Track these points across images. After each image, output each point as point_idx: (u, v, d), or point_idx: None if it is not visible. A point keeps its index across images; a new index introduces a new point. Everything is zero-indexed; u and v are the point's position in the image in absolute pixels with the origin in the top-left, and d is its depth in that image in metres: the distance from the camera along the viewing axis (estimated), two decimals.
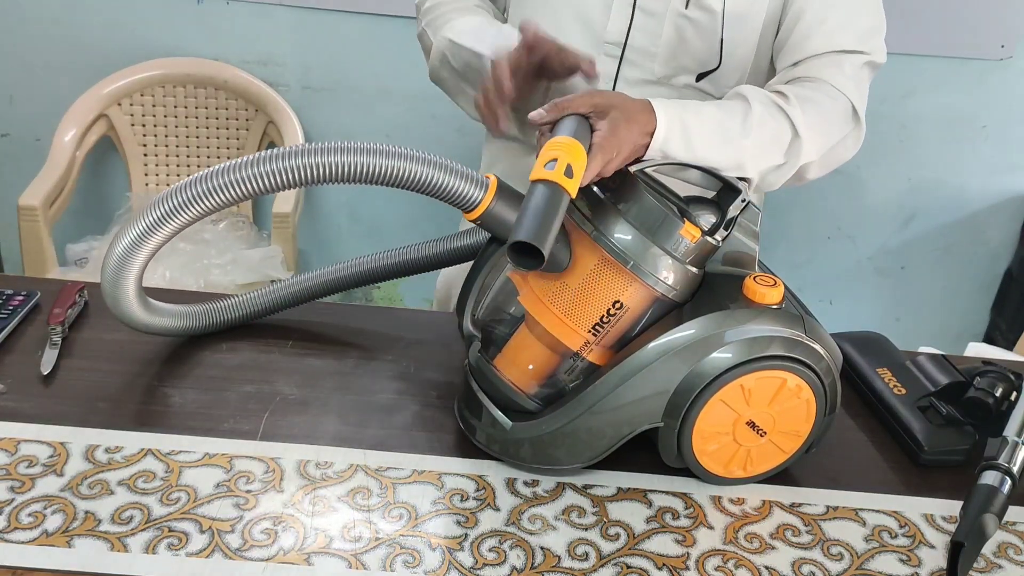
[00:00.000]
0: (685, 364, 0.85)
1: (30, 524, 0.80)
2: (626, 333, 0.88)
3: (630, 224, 0.85)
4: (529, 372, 0.91)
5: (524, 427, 0.90)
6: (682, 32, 1.11)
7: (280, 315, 1.15)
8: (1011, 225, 2.50)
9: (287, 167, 0.84)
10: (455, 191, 0.85)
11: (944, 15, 2.20)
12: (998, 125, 2.37)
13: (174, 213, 0.86)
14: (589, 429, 0.88)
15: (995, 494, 0.87)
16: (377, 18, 2.22)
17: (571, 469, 0.91)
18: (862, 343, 1.18)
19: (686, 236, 0.85)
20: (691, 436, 0.88)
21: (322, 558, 0.79)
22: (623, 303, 0.86)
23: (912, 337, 2.42)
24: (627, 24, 1.12)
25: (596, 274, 0.86)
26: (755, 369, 0.86)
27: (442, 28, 1.18)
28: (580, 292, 0.87)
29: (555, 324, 0.88)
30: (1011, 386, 1.02)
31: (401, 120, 2.30)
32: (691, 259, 0.87)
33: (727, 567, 0.83)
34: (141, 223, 0.86)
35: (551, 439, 0.89)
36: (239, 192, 0.85)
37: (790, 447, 0.92)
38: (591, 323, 0.87)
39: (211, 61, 2.23)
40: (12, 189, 2.04)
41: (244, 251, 2.14)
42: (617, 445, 0.89)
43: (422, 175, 0.84)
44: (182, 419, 0.95)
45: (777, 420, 0.89)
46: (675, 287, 0.87)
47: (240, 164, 0.85)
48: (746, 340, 0.85)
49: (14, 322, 1.06)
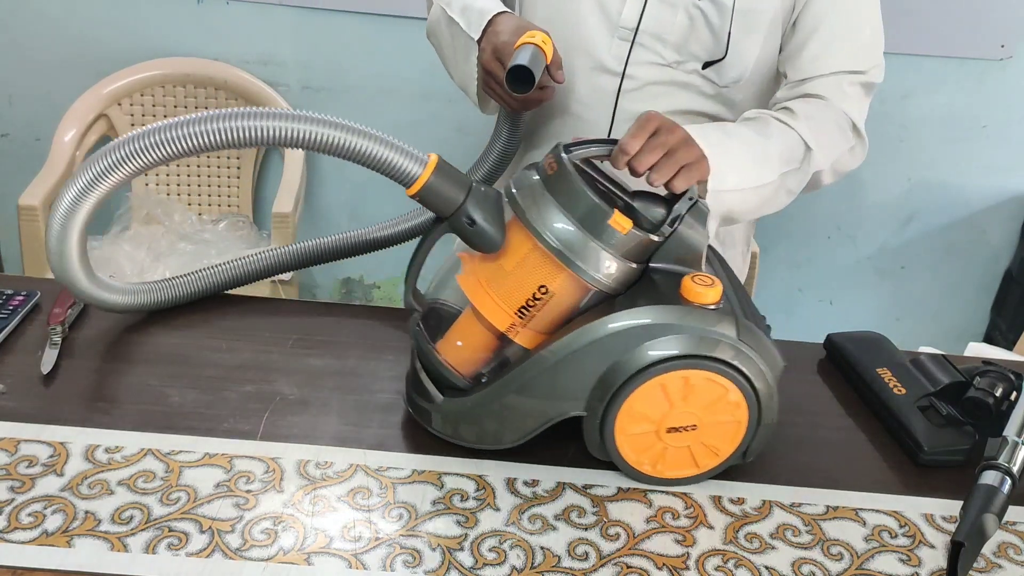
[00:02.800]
0: (608, 355, 0.86)
1: (30, 524, 0.80)
2: (558, 320, 0.89)
3: (561, 212, 0.86)
4: (459, 349, 0.93)
5: (454, 402, 0.92)
6: (694, 22, 1.16)
7: (280, 315, 1.15)
8: (1011, 225, 2.51)
9: (228, 127, 0.87)
10: (394, 165, 0.89)
11: (944, 15, 2.20)
12: (998, 125, 2.37)
13: (106, 173, 0.90)
14: (514, 409, 0.90)
15: (995, 494, 0.87)
16: (377, 18, 2.22)
17: (510, 448, 0.92)
18: (862, 343, 1.18)
19: (616, 227, 0.86)
20: (613, 429, 0.89)
21: (322, 558, 0.79)
22: (548, 289, 0.88)
23: (912, 337, 2.42)
24: (640, 10, 1.17)
25: (527, 259, 0.88)
26: (679, 367, 0.86)
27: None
28: (511, 275, 0.89)
29: (485, 302, 0.89)
30: (1011, 386, 1.02)
31: (401, 120, 2.30)
32: (624, 251, 0.87)
33: (727, 567, 0.83)
34: (77, 183, 0.90)
35: (478, 416, 0.91)
36: (178, 148, 0.89)
37: (722, 452, 0.91)
38: (517, 305, 0.89)
39: (211, 61, 2.23)
40: (12, 189, 2.04)
41: (244, 251, 2.14)
42: (543, 428, 0.90)
43: (363, 148, 0.88)
44: (182, 419, 0.95)
45: (705, 422, 0.88)
46: (604, 278, 0.87)
47: (182, 122, 0.88)
48: (671, 338, 0.85)
49: (14, 322, 1.06)
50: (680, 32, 1.16)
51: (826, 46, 1.18)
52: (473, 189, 0.90)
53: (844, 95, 1.18)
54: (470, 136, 1.22)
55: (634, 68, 1.19)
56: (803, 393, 1.13)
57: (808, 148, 1.15)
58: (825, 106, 1.18)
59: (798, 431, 1.05)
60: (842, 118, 1.19)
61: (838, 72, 1.18)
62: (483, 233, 0.88)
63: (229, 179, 2.34)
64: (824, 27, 1.17)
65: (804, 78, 1.19)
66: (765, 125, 1.15)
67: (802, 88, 1.20)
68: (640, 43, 1.18)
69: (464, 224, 0.89)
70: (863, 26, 1.20)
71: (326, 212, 2.46)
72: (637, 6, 1.17)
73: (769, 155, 1.12)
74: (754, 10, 1.15)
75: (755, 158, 1.11)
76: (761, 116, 1.17)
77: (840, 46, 1.18)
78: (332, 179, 2.41)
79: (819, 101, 1.19)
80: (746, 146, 1.11)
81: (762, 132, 1.14)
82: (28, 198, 1.96)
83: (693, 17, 1.15)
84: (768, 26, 1.17)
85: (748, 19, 1.15)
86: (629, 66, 1.19)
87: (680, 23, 1.16)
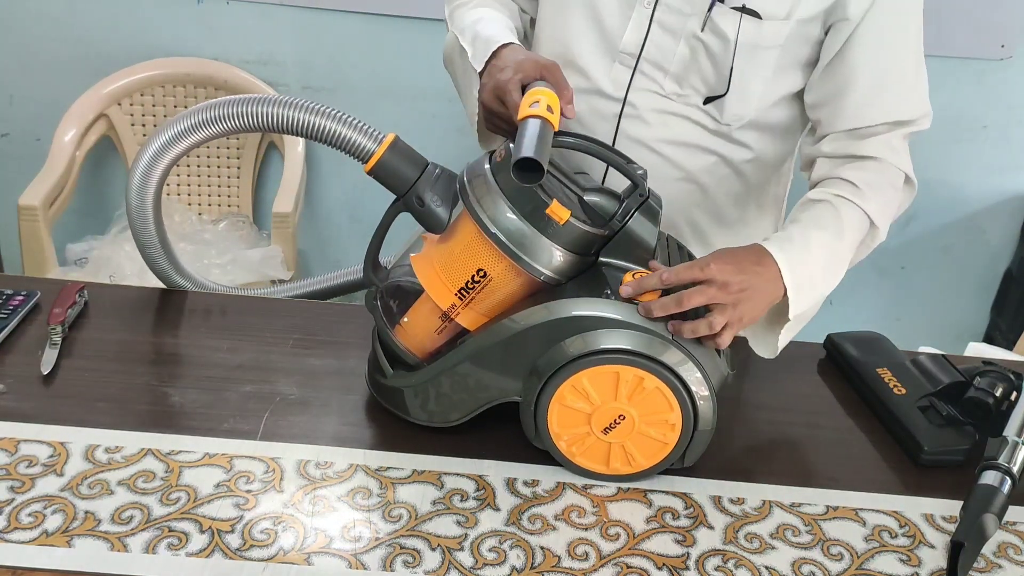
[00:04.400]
0: (541, 344, 0.88)
1: (30, 524, 0.80)
2: (501, 303, 0.91)
3: (504, 201, 0.88)
4: (407, 325, 0.95)
5: (401, 377, 0.96)
6: (695, 53, 1.12)
7: (280, 315, 1.15)
8: (1011, 225, 2.50)
9: (206, 119, 1.00)
10: (350, 141, 0.95)
11: (944, 15, 2.20)
12: (998, 125, 2.37)
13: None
14: (455, 387, 0.92)
15: (995, 494, 0.87)
16: (377, 18, 2.22)
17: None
18: (862, 343, 1.18)
19: (553, 217, 0.87)
20: (546, 418, 0.89)
21: (322, 558, 0.79)
22: (486, 272, 0.90)
23: (912, 337, 2.41)
24: (643, 36, 1.13)
25: (472, 243, 0.90)
26: (608, 362, 0.86)
27: (454, 19, 1.21)
28: (455, 255, 0.91)
29: (430, 280, 0.92)
30: (1011, 386, 1.02)
31: (401, 120, 2.30)
32: (566, 242, 0.88)
33: (727, 567, 0.83)
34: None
35: (423, 392, 0.94)
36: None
37: (657, 451, 0.90)
38: (458, 286, 0.91)
39: (211, 61, 2.23)
40: (12, 189, 2.04)
41: (244, 251, 2.14)
42: (483, 408, 0.92)
43: (322, 126, 0.96)
44: (182, 419, 0.95)
45: (637, 420, 0.89)
46: (544, 268, 0.89)
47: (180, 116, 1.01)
48: (602, 332, 0.86)
49: (14, 322, 1.06)
50: (680, 63, 1.12)
51: (881, 92, 1.11)
52: (427, 170, 0.94)
53: (892, 150, 1.12)
54: (470, 137, 1.22)
55: (635, 95, 1.16)
56: (803, 393, 1.13)
57: (873, 226, 1.10)
58: (881, 169, 1.11)
59: (798, 431, 1.05)
60: (895, 176, 1.12)
61: (885, 124, 1.11)
62: (431, 214, 0.92)
63: (229, 179, 2.34)
64: (875, 72, 1.10)
65: (857, 127, 1.12)
66: (837, 218, 1.07)
67: (851, 148, 1.13)
68: (641, 71, 1.14)
69: (414, 203, 0.93)
70: (913, 73, 1.13)
71: (326, 212, 2.46)
72: (640, 32, 1.13)
73: (844, 254, 1.08)
74: (758, 46, 1.10)
75: (832, 263, 1.06)
76: (829, 202, 1.09)
77: (897, 94, 1.12)
78: (332, 179, 2.41)
79: (872, 163, 1.11)
80: (823, 258, 1.05)
81: (838, 231, 1.06)
82: (28, 198, 1.96)
83: (694, 48, 1.11)
84: (775, 65, 1.12)
85: (752, 55, 1.10)
86: (631, 92, 1.16)
87: (681, 54, 1.12)
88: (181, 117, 1.02)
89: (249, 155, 2.30)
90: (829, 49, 1.11)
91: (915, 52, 1.13)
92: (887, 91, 1.12)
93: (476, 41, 1.12)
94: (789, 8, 1.07)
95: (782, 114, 1.19)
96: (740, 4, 1.07)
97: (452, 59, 1.21)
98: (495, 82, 1.03)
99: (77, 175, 2.15)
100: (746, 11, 1.07)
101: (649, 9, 1.11)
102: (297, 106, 0.97)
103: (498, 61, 1.07)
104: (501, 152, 0.91)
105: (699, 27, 1.10)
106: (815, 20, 1.09)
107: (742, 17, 1.07)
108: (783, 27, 1.08)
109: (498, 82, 1.02)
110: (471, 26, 1.15)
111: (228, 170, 2.33)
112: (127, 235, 2.20)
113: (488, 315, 0.92)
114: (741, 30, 1.08)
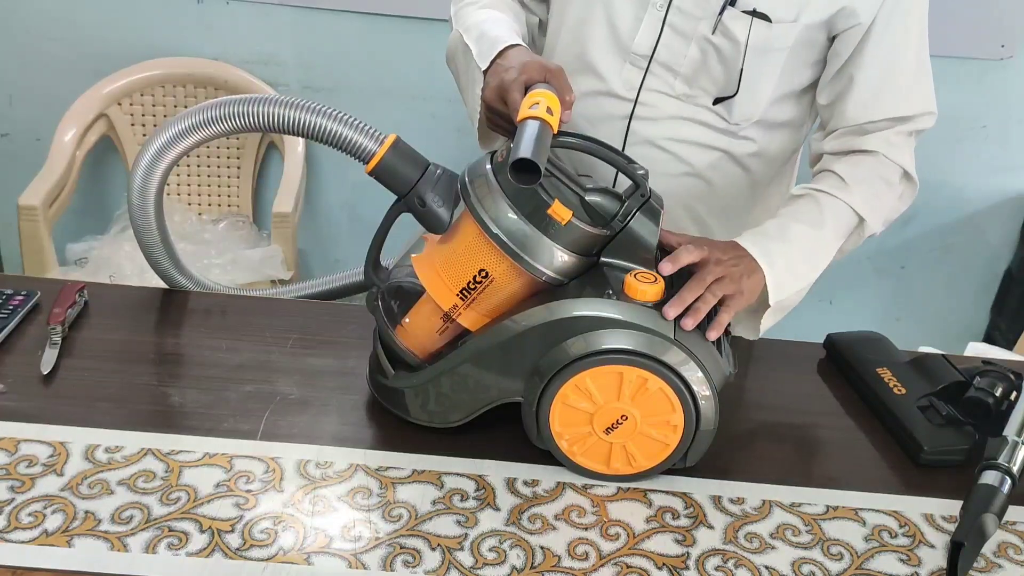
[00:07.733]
0: (542, 344, 0.88)
1: (30, 524, 0.80)
2: (503, 304, 0.91)
3: (505, 201, 0.88)
4: (409, 326, 0.95)
5: (403, 377, 0.95)
6: (706, 55, 1.13)
7: (280, 315, 1.15)
8: (1011, 225, 2.50)
9: (207, 119, 1.00)
10: (352, 141, 0.95)
11: (944, 15, 2.18)
12: (998, 125, 2.37)
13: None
14: (456, 387, 0.92)
15: (995, 494, 0.87)
16: (377, 18, 2.22)
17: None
18: (862, 343, 1.18)
19: (555, 217, 0.87)
20: (548, 418, 0.89)
21: (322, 558, 0.79)
22: (488, 272, 0.89)
23: (912, 337, 2.41)
24: (655, 38, 1.14)
25: (473, 244, 0.90)
26: (611, 362, 0.86)
27: (460, 18, 1.21)
28: (457, 256, 0.91)
29: (432, 280, 0.92)
30: (1011, 386, 1.02)
31: (401, 120, 2.29)
32: (568, 243, 0.88)
33: (727, 567, 0.83)
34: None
35: (424, 392, 0.94)
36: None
37: (658, 452, 0.90)
38: (459, 286, 0.90)
39: (211, 61, 2.23)
40: (12, 189, 2.03)
41: (244, 251, 2.14)
42: (483, 409, 0.92)
43: (322, 126, 0.96)
44: (182, 419, 0.95)
45: (640, 421, 0.89)
46: (545, 268, 0.88)
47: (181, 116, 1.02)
48: (604, 332, 0.86)
49: (14, 322, 1.06)
50: (691, 65, 1.13)
51: (887, 88, 1.14)
52: (428, 171, 0.94)
53: (891, 145, 1.14)
54: (470, 137, 1.22)
55: (647, 95, 1.17)
56: (803, 393, 1.13)
57: (861, 220, 1.12)
58: (875, 163, 1.14)
59: (798, 431, 1.05)
60: (890, 170, 1.14)
61: (886, 120, 1.14)
62: (432, 214, 0.92)
63: (229, 179, 2.34)
64: (870, 72, 1.12)
65: (862, 123, 1.15)
66: (818, 210, 1.10)
67: (853, 143, 1.16)
68: (653, 72, 1.16)
69: (416, 204, 0.93)
70: (909, 70, 1.15)
71: (326, 212, 2.46)
72: (652, 34, 1.14)
73: (826, 244, 1.10)
74: (768, 48, 1.11)
75: (812, 253, 1.09)
76: (811, 195, 1.12)
77: (902, 90, 1.15)
78: (332, 179, 2.41)
79: (868, 158, 1.15)
80: (802, 248, 1.07)
81: (817, 222, 1.09)
82: (28, 198, 1.96)
83: (705, 51, 1.12)
84: (784, 67, 1.14)
85: (761, 57, 1.12)
86: (642, 92, 1.17)
87: (692, 56, 1.13)
88: (182, 117, 1.02)
89: (249, 155, 2.30)
90: (841, 54, 1.13)
91: (918, 51, 1.15)
92: (889, 88, 1.14)
93: (482, 40, 1.12)
94: (797, 11, 1.08)
95: (787, 110, 1.20)
96: (751, 7, 1.08)
97: (455, 57, 1.22)
98: (499, 81, 1.04)
99: (77, 175, 2.15)
100: (756, 14, 1.08)
101: (662, 12, 1.12)
102: (298, 106, 0.97)
103: (504, 61, 1.07)
104: (502, 152, 0.91)
105: (710, 30, 1.11)
106: (821, 25, 1.10)
107: (752, 20, 1.09)
108: (791, 29, 1.10)
109: (502, 81, 1.03)
110: (478, 25, 1.15)
111: (228, 170, 2.33)
112: (127, 235, 2.20)
113: (490, 315, 0.92)
114: (751, 33, 1.09)
